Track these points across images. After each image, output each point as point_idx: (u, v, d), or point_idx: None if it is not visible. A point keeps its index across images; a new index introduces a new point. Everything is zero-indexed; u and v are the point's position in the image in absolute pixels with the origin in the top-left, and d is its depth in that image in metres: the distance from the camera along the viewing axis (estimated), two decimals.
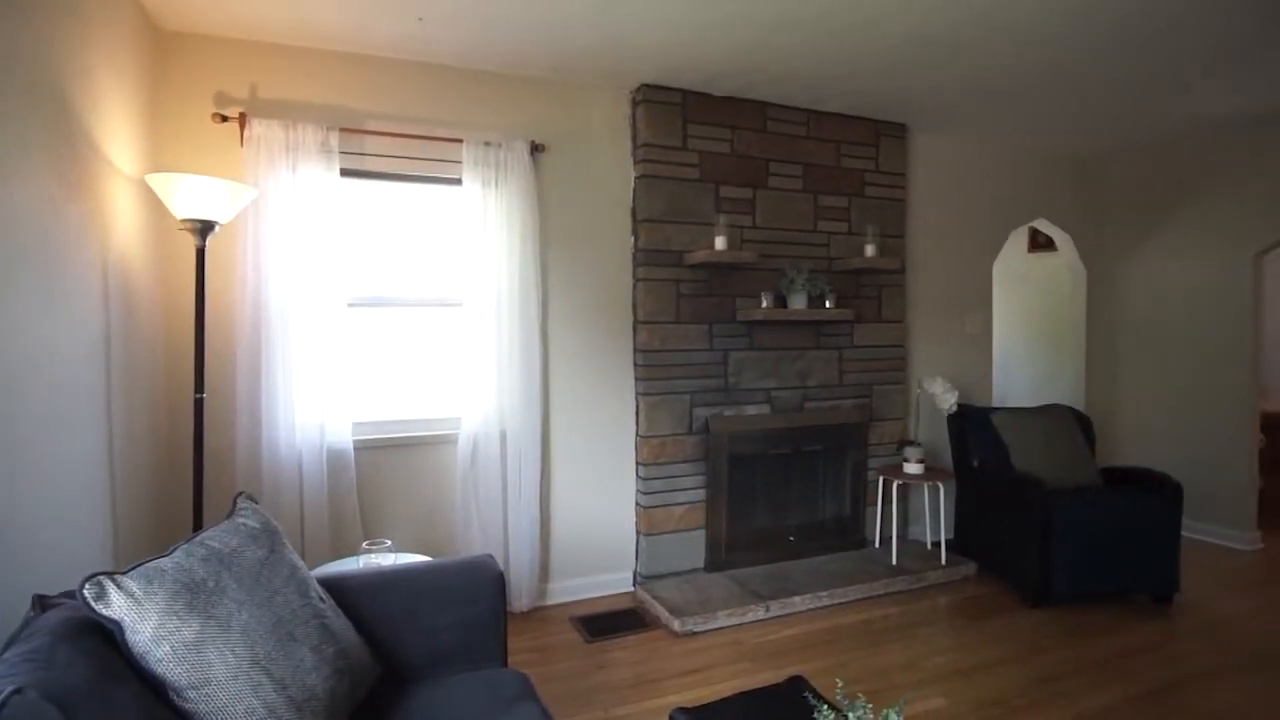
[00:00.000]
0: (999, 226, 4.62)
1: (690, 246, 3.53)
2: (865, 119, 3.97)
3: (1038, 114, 3.93)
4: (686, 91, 3.53)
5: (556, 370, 3.44)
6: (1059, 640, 3.04)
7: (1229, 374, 4.30)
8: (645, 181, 3.48)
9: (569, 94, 3.44)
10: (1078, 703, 2.54)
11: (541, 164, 3.36)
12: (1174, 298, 4.58)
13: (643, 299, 3.49)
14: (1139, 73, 3.30)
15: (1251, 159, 4.19)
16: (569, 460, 3.48)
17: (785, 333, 3.77)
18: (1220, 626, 3.18)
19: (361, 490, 3.08)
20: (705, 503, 3.62)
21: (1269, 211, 4.12)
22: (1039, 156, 4.75)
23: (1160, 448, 4.62)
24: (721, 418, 3.61)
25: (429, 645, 1.68)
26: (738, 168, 3.66)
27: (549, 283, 3.41)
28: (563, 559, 3.48)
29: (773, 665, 2.81)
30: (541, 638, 3.09)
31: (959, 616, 3.31)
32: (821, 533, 3.94)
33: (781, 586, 3.43)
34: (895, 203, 4.08)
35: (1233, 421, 4.29)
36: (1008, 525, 3.52)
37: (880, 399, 4.05)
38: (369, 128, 3.07)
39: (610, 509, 3.56)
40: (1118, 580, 3.35)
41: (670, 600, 3.27)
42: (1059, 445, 3.69)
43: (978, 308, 4.53)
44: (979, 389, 4.53)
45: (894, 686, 2.64)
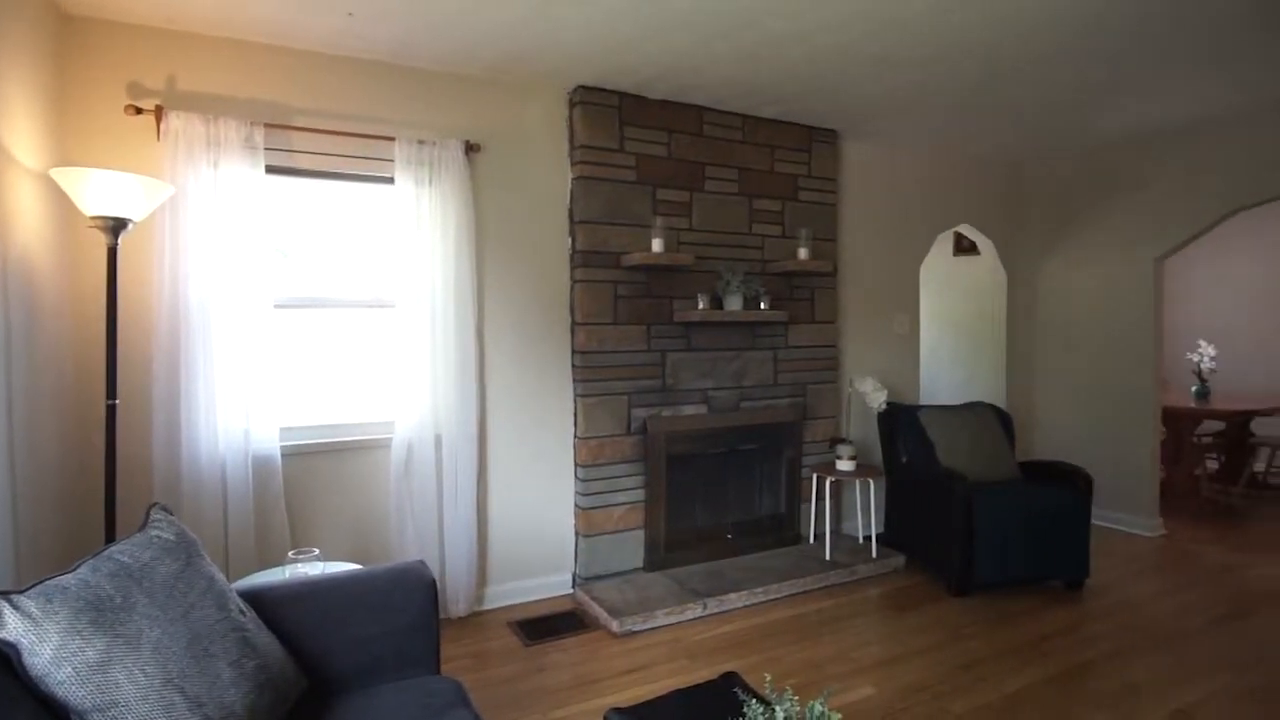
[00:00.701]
0: (926, 231, 4.80)
1: (628, 248, 3.55)
2: (799, 125, 4.07)
3: (961, 125, 4.10)
4: (623, 94, 3.54)
5: (493, 372, 3.41)
6: (981, 627, 3.18)
7: (1134, 371, 4.58)
8: (582, 183, 3.48)
9: (505, 94, 3.41)
10: (998, 686, 2.66)
11: (476, 164, 3.33)
12: (1085, 299, 4.85)
13: (580, 300, 3.49)
14: (1054, 88, 3.48)
15: (1153, 170, 4.48)
16: (506, 463, 3.45)
17: (722, 334, 3.83)
18: (1127, 609, 3.38)
19: (290, 498, 2.98)
20: (644, 503, 3.64)
21: (1169, 219, 4.41)
22: (963, 164, 4.95)
23: (1074, 441, 4.89)
24: (660, 418, 3.64)
25: (358, 655, 1.64)
26: (674, 171, 3.70)
27: (485, 284, 3.37)
28: (501, 563, 3.45)
29: (710, 662, 2.85)
30: (479, 643, 3.06)
31: (888, 608, 3.42)
32: (758, 530, 4.02)
33: (719, 584, 3.48)
34: (827, 207, 4.20)
35: (1137, 416, 4.57)
36: (934, 518, 3.66)
37: (814, 398, 4.15)
38: (297, 124, 2.98)
39: (549, 511, 3.55)
40: (1035, 568, 3.52)
41: (609, 601, 3.28)
42: (981, 441, 3.86)
43: (906, 309, 4.70)
44: (907, 388, 4.70)
45: (826, 678, 2.71)
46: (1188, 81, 3.42)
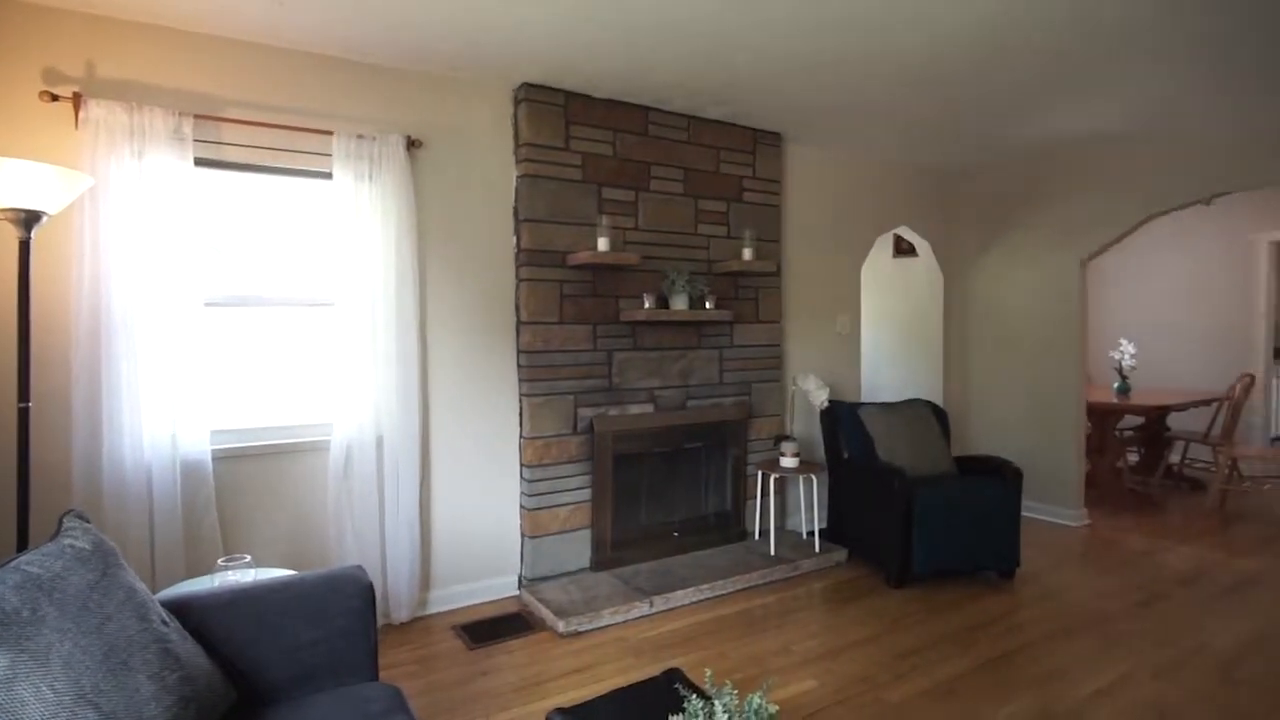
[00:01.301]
0: (866, 233, 4.92)
1: (573, 247, 3.54)
2: (743, 127, 4.12)
3: (899, 131, 4.22)
4: (569, 93, 3.53)
5: (436, 372, 3.35)
6: (918, 617, 3.28)
7: (1061, 368, 4.79)
8: (527, 181, 3.45)
9: (448, 90, 3.35)
10: (933, 674, 2.75)
11: (418, 160, 3.27)
12: (1016, 300, 5.05)
13: (526, 299, 3.46)
14: (986, 101, 3.61)
15: (1078, 177, 4.70)
16: (450, 465, 3.40)
17: (668, 333, 3.85)
18: (1054, 596, 3.54)
19: (222, 504, 2.87)
20: (591, 502, 3.63)
21: (1093, 223, 4.62)
22: (902, 169, 5.10)
23: (1005, 436, 5.09)
24: (606, 417, 3.64)
25: (291, 664, 1.59)
26: (620, 170, 3.70)
27: (428, 282, 3.32)
28: (444, 566, 3.39)
29: (657, 659, 2.86)
30: (422, 648, 3.00)
31: (830, 601, 3.50)
32: (704, 527, 4.05)
33: (665, 582, 3.50)
34: (771, 208, 4.26)
35: (1064, 411, 4.78)
36: (874, 512, 3.75)
37: (759, 396, 4.21)
38: (229, 115, 2.87)
39: (494, 513, 3.51)
40: (969, 559, 3.65)
41: (555, 601, 3.26)
42: (919, 437, 3.98)
43: (847, 309, 4.81)
44: (849, 386, 4.81)
45: (769, 671, 2.76)
46: (1108, 98, 3.60)
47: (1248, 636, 3.05)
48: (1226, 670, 2.75)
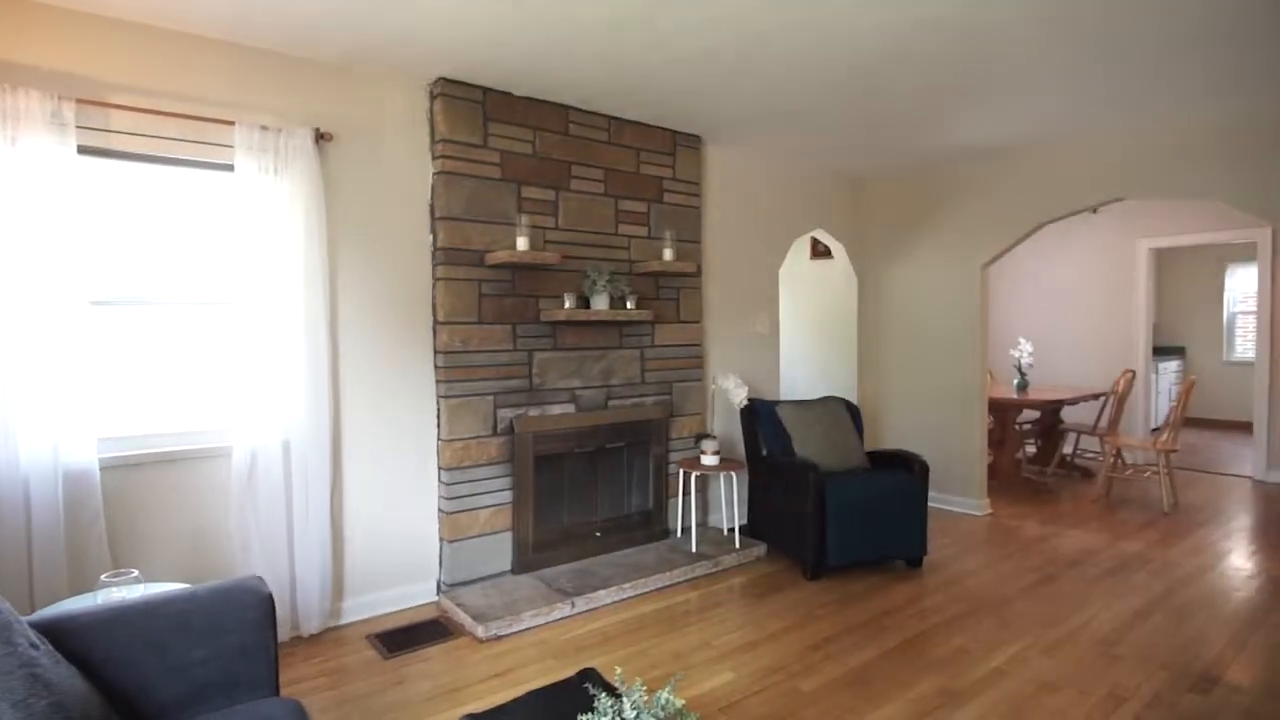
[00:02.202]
0: (784, 235, 5.05)
1: (492, 246, 3.49)
2: (663, 129, 4.16)
3: (814, 136, 4.35)
4: (487, 89, 3.48)
5: (349, 374, 3.24)
6: (831, 608, 3.39)
7: (965, 366, 5.05)
8: (444, 178, 3.38)
9: (360, 82, 3.25)
10: (845, 661, 2.85)
11: (328, 154, 3.15)
12: (924, 301, 5.29)
13: (443, 299, 3.39)
14: (892, 109, 3.76)
15: (979, 184, 4.96)
16: (364, 469, 3.29)
17: (589, 333, 3.85)
18: (957, 582, 3.72)
19: (112, 516, 2.69)
20: (512, 504, 3.59)
21: (992, 230, 4.89)
22: (818, 173, 5.26)
23: (914, 431, 5.32)
24: (526, 418, 3.60)
25: (180, 683, 1.51)
26: (540, 169, 3.67)
27: (339, 281, 3.20)
28: (358, 574, 3.29)
29: (578, 660, 2.85)
30: (334, 659, 2.90)
31: (749, 595, 3.57)
32: (627, 526, 4.07)
33: (588, 582, 3.49)
34: (691, 210, 4.32)
35: (968, 406, 5.04)
36: (791, 507, 3.85)
37: (680, 395, 4.26)
38: (118, 101, 2.69)
39: (411, 517, 3.42)
40: (880, 549, 3.80)
41: (475, 606, 3.21)
42: (833, 433, 4.12)
43: (766, 309, 4.93)
44: (768, 384, 4.93)
45: (688, 667, 2.80)
46: (1001, 110, 3.81)
47: (1126, 613, 3.29)
48: (1107, 645, 2.96)
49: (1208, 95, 3.66)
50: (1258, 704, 2.50)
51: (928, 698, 2.57)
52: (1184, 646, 2.95)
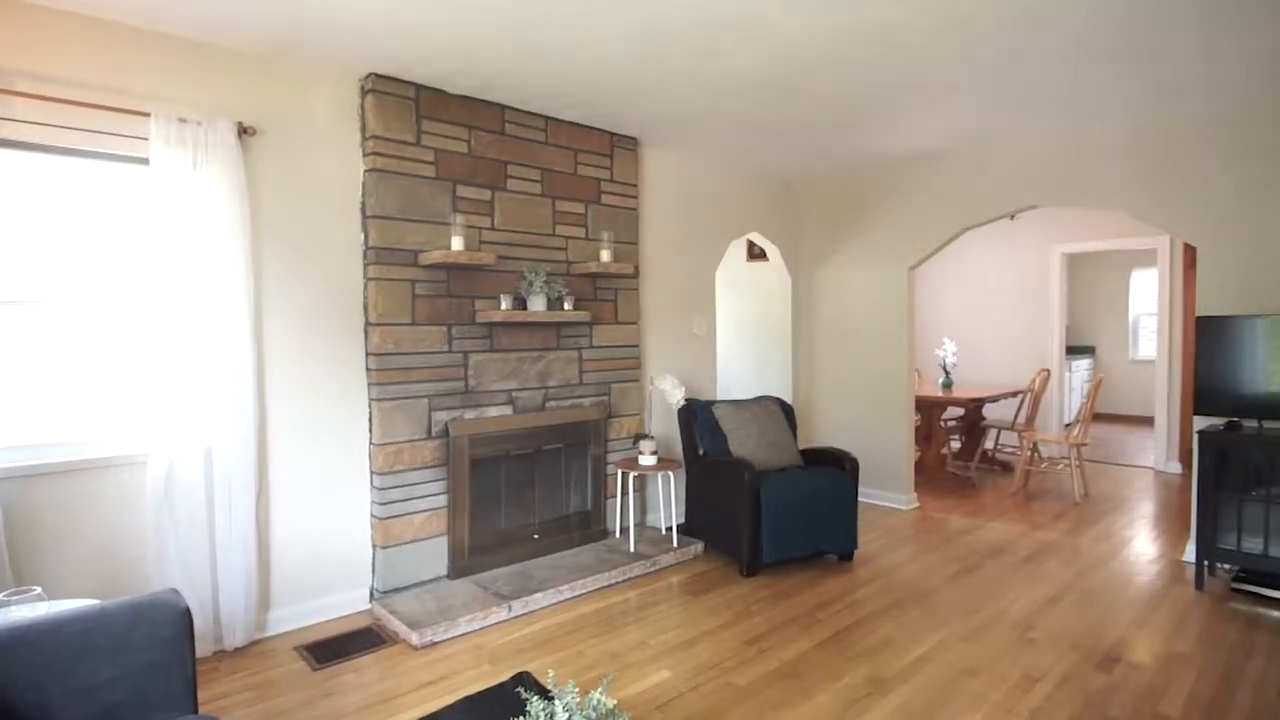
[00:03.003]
0: (721, 237, 5.13)
1: (426, 246, 3.43)
2: (601, 130, 4.17)
3: (747, 141, 4.43)
4: (421, 86, 3.42)
5: (275, 377, 3.13)
6: (766, 603, 3.47)
7: (893, 365, 5.23)
8: (376, 176, 3.30)
9: (286, 75, 3.14)
10: (779, 655, 2.92)
11: (252, 149, 3.04)
12: (855, 303, 5.45)
13: (375, 299, 3.31)
14: (822, 116, 3.86)
15: (905, 190, 5.14)
16: (291, 476, 3.18)
17: (526, 334, 3.82)
18: (886, 574, 3.86)
19: (13, 530, 2.53)
20: (447, 508, 3.54)
21: (919, 234, 5.08)
22: (752, 176, 5.36)
23: (845, 428, 5.48)
24: (462, 421, 3.56)
25: (86, 705, 1.43)
26: (475, 168, 3.63)
27: (264, 281, 3.09)
28: (286, 584, 3.18)
29: (514, 664, 2.84)
30: (260, 673, 2.80)
31: (686, 593, 3.62)
32: (566, 528, 4.06)
33: (525, 585, 3.47)
34: (629, 211, 4.34)
35: (896, 404, 5.23)
36: (727, 505, 3.92)
37: (618, 396, 4.28)
38: (19, 88, 2.53)
39: (341, 524, 3.33)
40: (813, 544, 3.90)
41: (408, 613, 3.15)
42: (768, 431, 4.21)
43: (703, 310, 4.99)
44: (705, 384, 5.00)
45: (625, 666, 2.81)
46: (923, 121, 3.97)
47: (1040, 599, 3.47)
48: (1022, 630, 3.13)
49: (1112, 111, 3.90)
50: (1154, 679, 2.68)
51: (856, 687, 2.65)
52: (1091, 628, 3.13)
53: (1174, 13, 2.68)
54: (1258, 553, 3.45)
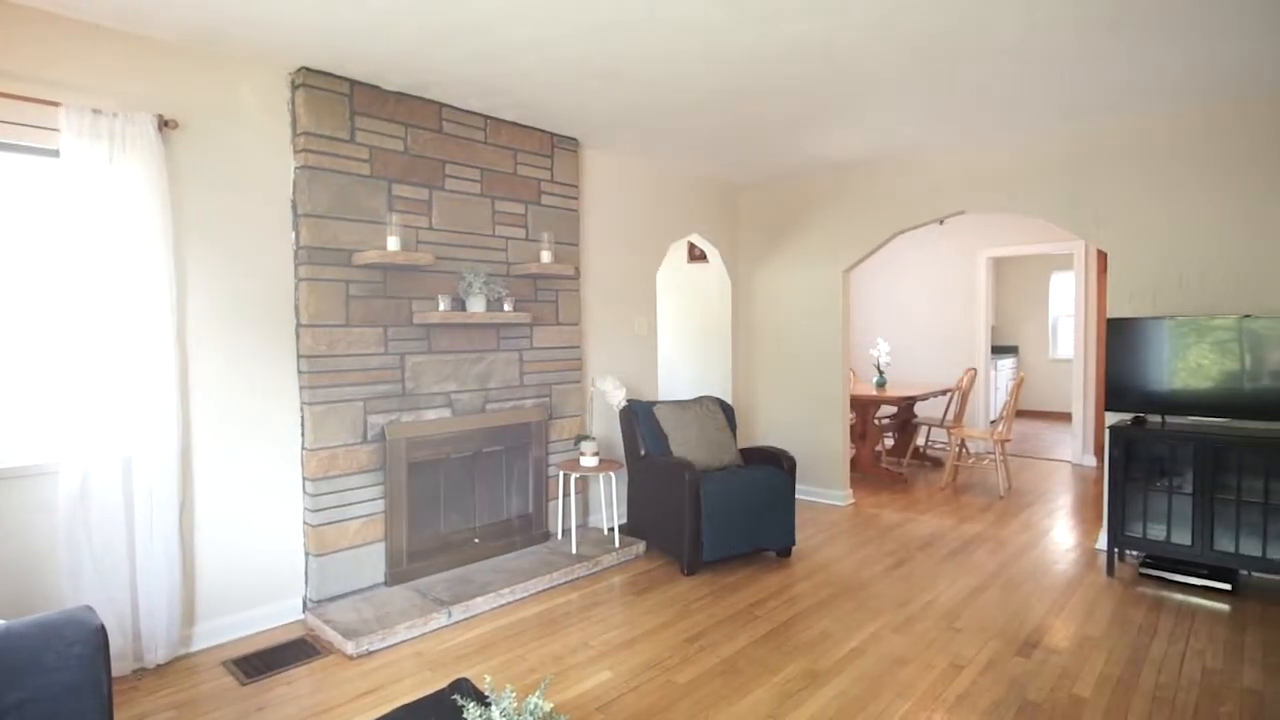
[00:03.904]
0: (661, 239, 5.17)
1: (361, 245, 3.35)
2: (541, 131, 4.15)
3: (687, 144, 4.48)
4: (355, 82, 3.33)
5: (200, 382, 3.00)
6: (706, 601, 3.52)
7: (829, 365, 5.37)
8: (307, 173, 3.21)
9: (211, 67, 3.02)
10: (719, 652, 2.96)
11: (174, 142, 2.91)
12: (792, 304, 5.57)
13: (307, 300, 3.21)
14: (762, 121, 3.94)
15: (840, 195, 5.29)
16: (219, 484, 3.06)
17: (465, 335, 3.78)
18: (822, 569, 3.96)
19: None
20: (384, 514, 3.46)
21: (854, 237, 5.23)
22: (694, 179, 5.42)
23: (784, 427, 5.60)
24: (399, 424, 3.49)
25: None
26: (412, 167, 3.56)
27: (188, 281, 2.96)
28: (213, 596, 3.06)
29: (454, 671, 2.80)
30: (184, 690, 2.69)
31: (628, 593, 3.64)
32: (507, 531, 4.03)
33: (465, 590, 3.43)
34: (569, 212, 4.33)
35: (832, 403, 5.37)
36: (668, 505, 3.96)
37: (559, 398, 4.27)
38: None
39: (273, 533, 3.22)
40: (752, 541, 3.97)
41: (344, 622, 3.07)
42: (709, 432, 4.27)
43: (645, 312, 5.03)
44: (647, 385, 5.03)
45: (566, 668, 2.81)
46: (857, 129, 4.09)
47: (966, 590, 3.63)
48: (949, 620, 3.26)
49: (1033, 123, 4.11)
50: (1069, 662, 2.84)
51: (793, 680, 2.72)
52: (1013, 616, 3.29)
53: (1093, 30, 2.84)
54: (1161, 540, 3.69)
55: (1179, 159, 3.90)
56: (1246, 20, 2.75)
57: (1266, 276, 3.64)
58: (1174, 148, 3.91)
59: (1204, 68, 3.25)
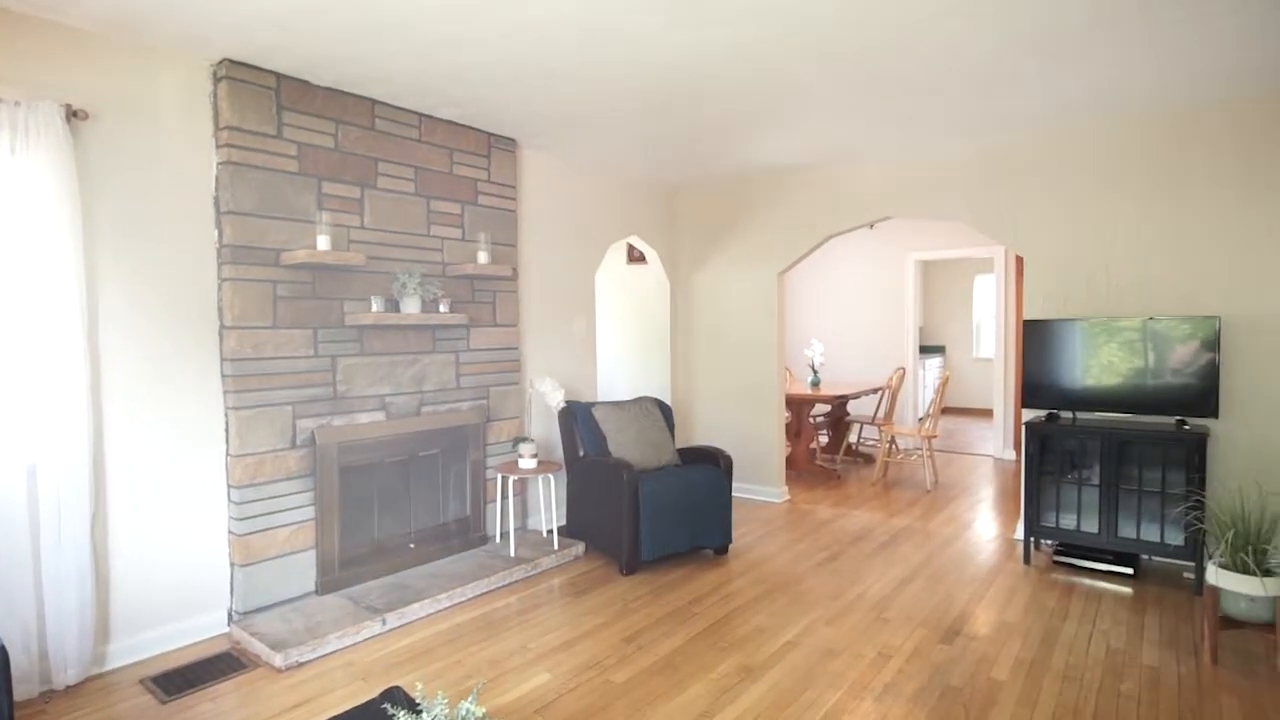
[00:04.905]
0: (600, 240, 5.19)
1: (289, 245, 3.25)
2: (478, 130, 4.11)
3: (626, 145, 4.51)
4: (282, 76, 3.23)
5: (114, 388, 2.86)
6: (644, 600, 3.55)
7: (765, 365, 5.49)
8: (231, 169, 3.09)
9: (126, 55, 2.87)
10: (656, 650, 3.00)
11: (85, 134, 2.76)
12: (729, 306, 5.67)
13: (231, 301, 3.10)
14: (700, 125, 4.00)
15: (775, 198, 5.41)
16: (136, 494, 2.92)
17: (399, 337, 3.71)
18: (758, 565, 4.05)
19: None
20: (315, 520, 3.37)
21: (788, 240, 5.36)
22: (633, 181, 5.45)
23: (722, 426, 5.70)
24: (330, 428, 3.40)
25: None
26: (344, 164, 3.47)
27: (100, 281, 2.81)
28: (129, 612, 2.91)
29: (387, 679, 2.75)
30: (97, 711, 2.55)
31: (567, 595, 3.64)
32: (444, 535, 3.97)
33: (401, 596, 3.37)
34: (507, 213, 4.30)
35: (767, 402, 5.49)
36: (607, 505, 3.97)
37: (497, 399, 4.23)
38: None
39: (195, 543, 3.09)
40: (690, 540, 4.03)
41: (272, 633, 2.97)
42: (647, 432, 4.30)
43: (583, 313, 5.03)
44: (586, 386, 5.04)
45: (504, 672, 2.80)
46: (790, 134, 4.20)
47: (894, 581, 3.77)
48: (878, 611, 3.38)
49: (950, 134, 4.29)
50: (988, 647, 2.99)
51: (728, 675, 2.78)
52: (937, 605, 3.44)
53: (1014, 46, 2.99)
54: (1072, 529, 3.91)
55: (1082, 170, 4.14)
56: (1158, 39, 2.95)
57: (1163, 280, 3.91)
58: (1078, 160, 4.16)
59: (1103, 87, 3.47)
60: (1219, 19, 2.71)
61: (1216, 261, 3.78)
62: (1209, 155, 3.79)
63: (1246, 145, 3.70)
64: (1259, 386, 3.68)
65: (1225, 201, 3.75)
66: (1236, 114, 3.72)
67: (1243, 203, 3.71)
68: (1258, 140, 3.66)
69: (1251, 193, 3.69)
